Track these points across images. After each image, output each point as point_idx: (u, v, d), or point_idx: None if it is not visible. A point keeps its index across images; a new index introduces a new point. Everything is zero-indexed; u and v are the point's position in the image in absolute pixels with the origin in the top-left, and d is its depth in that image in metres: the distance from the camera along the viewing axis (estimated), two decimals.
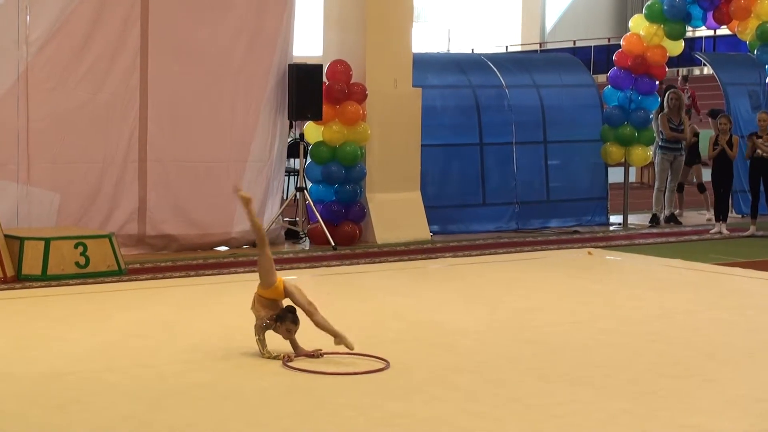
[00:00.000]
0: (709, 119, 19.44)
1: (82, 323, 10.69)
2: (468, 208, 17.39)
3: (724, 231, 17.37)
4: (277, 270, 13.80)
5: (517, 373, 8.92)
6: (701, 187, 19.35)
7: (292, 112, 15.55)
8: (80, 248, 12.95)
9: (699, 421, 7.65)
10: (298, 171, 16.28)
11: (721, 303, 12.16)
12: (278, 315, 9.28)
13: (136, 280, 13.01)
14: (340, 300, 12.13)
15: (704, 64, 24.25)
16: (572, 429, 7.46)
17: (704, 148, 19.01)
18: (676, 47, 18.22)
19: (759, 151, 17.23)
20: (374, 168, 16.14)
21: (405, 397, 8.18)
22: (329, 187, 15.96)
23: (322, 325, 9.30)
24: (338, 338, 9.17)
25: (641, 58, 17.99)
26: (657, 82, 18.44)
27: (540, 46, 37.50)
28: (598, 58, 32.65)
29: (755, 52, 17.75)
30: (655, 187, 18.95)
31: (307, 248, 15.57)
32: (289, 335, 9.25)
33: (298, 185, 16.04)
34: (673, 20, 17.82)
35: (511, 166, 17.78)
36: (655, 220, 18.54)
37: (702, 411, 7.91)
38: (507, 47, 35.92)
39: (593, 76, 21.72)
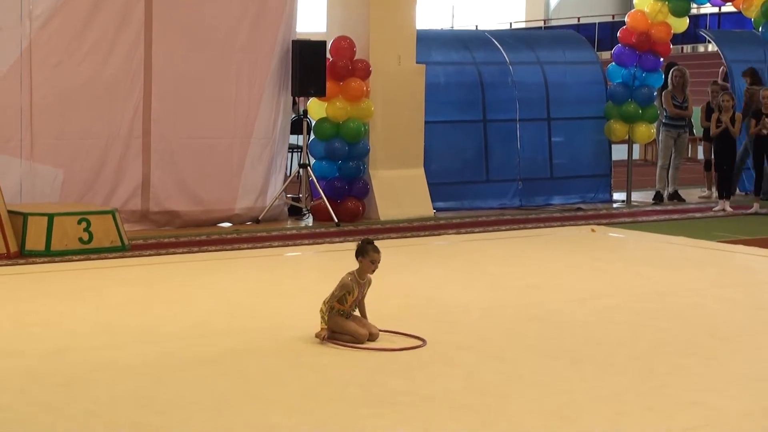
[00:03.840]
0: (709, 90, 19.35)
1: (86, 299, 10.70)
2: (471, 184, 17.39)
3: (728, 208, 17.36)
4: (281, 246, 13.85)
5: (520, 350, 8.92)
6: (708, 165, 19.31)
7: (296, 89, 15.54)
8: (83, 224, 12.96)
9: (701, 399, 7.66)
10: (301, 147, 16.27)
11: (725, 281, 12.16)
12: (358, 249, 9.13)
13: (140, 256, 13.02)
14: (341, 276, 12.13)
15: (709, 42, 24.22)
16: (575, 405, 7.46)
17: (696, 125, 19.03)
18: (681, 24, 18.20)
19: (763, 130, 17.19)
20: (378, 144, 16.13)
21: (408, 374, 8.18)
22: (332, 164, 15.95)
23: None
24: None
25: (645, 35, 17.95)
26: (661, 59, 18.40)
27: (544, 23, 37.44)
28: (603, 35, 32.59)
29: (760, 29, 17.72)
30: (659, 164, 18.94)
31: (311, 224, 15.57)
32: (374, 266, 9.10)
33: (302, 162, 16.03)
34: None
35: (515, 143, 17.77)
36: (658, 198, 18.53)
37: (704, 389, 7.91)
38: (511, 24, 35.88)
39: (597, 53, 21.69)
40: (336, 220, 15.30)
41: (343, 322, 9.02)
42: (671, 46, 18.77)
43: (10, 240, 12.65)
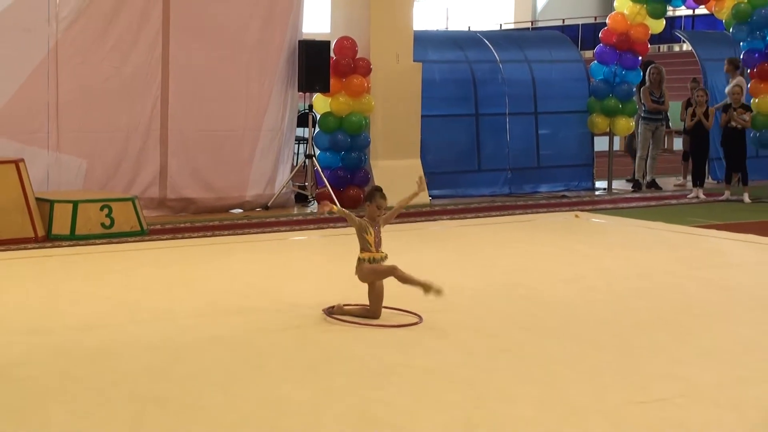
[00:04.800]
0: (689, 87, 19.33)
1: (107, 280, 10.69)
2: (464, 174, 17.38)
3: (701, 196, 17.36)
4: (288, 231, 13.84)
5: (510, 328, 8.91)
6: (686, 156, 19.28)
7: (302, 85, 15.53)
8: (105, 210, 12.95)
9: (675, 371, 7.65)
10: (307, 139, 16.25)
11: (698, 262, 12.15)
12: (367, 194, 9.08)
13: (157, 240, 13.01)
14: (345, 259, 12.12)
15: (684, 41, 24.18)
16: (562, 379, 7.46)
17: (675, 118, 19.01)
18: (658, 25, 18.17)
19: (733, 123, 17.19)
20: (378, 137, 16.13)
21: (406, 349, 8.18)
22: (336, 155, 15.94)
23: (406, 279, 9.04)
24: (426, 287, 8.93)
25: (625, 36, 17.93)
26: (640, 58, 18.38)
27: (531, 24, 37.37)
28: (586, 35, 32.53)
29: (731, 30, 17.69)
30: (638, 155, 18.93)
31: (316, 211, 15.56)
32: (380, 211, 9.01)
33: (307, 152, 16.02)
34: (655, 0, 17.75)
35: (505, 135, 17.75)
36: (637, 186, 18.52)
37: (681, 362, 7.91)
38: (501, 25, 35.83)
39: (581, 52, 21.65)
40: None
41: (371, 270, 8.93)
42: (649, 46, 18.74)
43: (38, 225, 12.64)
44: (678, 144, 19.22)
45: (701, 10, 19.87)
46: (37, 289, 10.28)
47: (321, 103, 15.97)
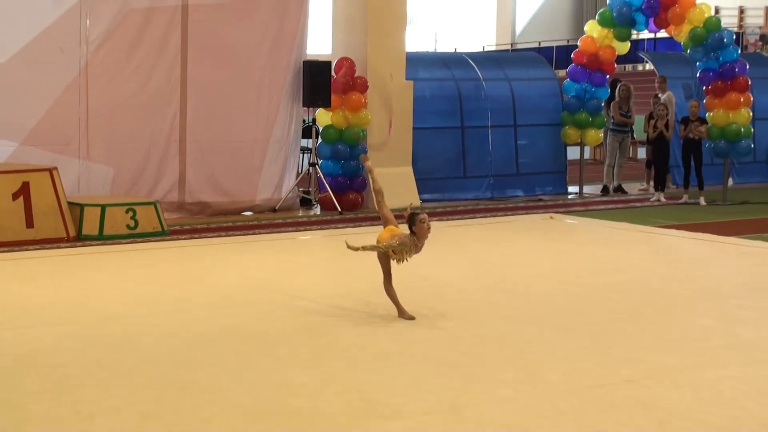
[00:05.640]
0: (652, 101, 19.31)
1: (132, 275, 10.66)
2: (451, 180, 17.35)
3: (662, 199, 17.34)
4: (294, 231, 13.83)
5: (494, 318, 8.89)
6: (649, 164, 19.24)
7: (306, 101, 15.50)
8: (130, 213, 12.92)
9: (642, 356, 7.64)
10: (311, 149, 16.22)
11: (660, 258, 12.14)
12: (409, 221, 8.81)
13: (177, 239, 12.98)
14: (345, 256, 12.09)
15: (647, 62, 24.18)
16: (540, 363, 7.44)
17: (639, 130, 18.98)
18: (624, 47, 18.16)
19: (690, 134, 17.18)
20: (374, 147, 16.09)
21: (400, 338, 8.15)
22: (337, 163, 15.91)
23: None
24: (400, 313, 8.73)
25: (594, 56, 17.91)
26: (607, 76, 18.37)
27: (511, 46, 37.37)
28: (559, 56, 32.51)
29: (688, 51, 17.68)
30: (606, 163, 18.91)
31: (319, 213, 15.53)
32: (426, 225, 8.76)
33: (311, 161, 15.99)
34: (621, 25, 17.74)
35: (487, 145, 17.73)
36: (605, 190, 18.51)
37: (644, 348, 7.89)
38: (484, 47, 35.84)
39: (555, 71, 21.64)
40: (339, 210, 15.27)
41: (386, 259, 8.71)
42: (615, 66, 18.72)
43: (70, 226, 12.62)
44: (642, 153, 19.20)
45: (662, 34, 19.86)
46: (69, 283, 10.25)
47: (323, 117, 15.94)
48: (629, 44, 18.43)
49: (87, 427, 6.11)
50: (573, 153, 19.06)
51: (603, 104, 18.40)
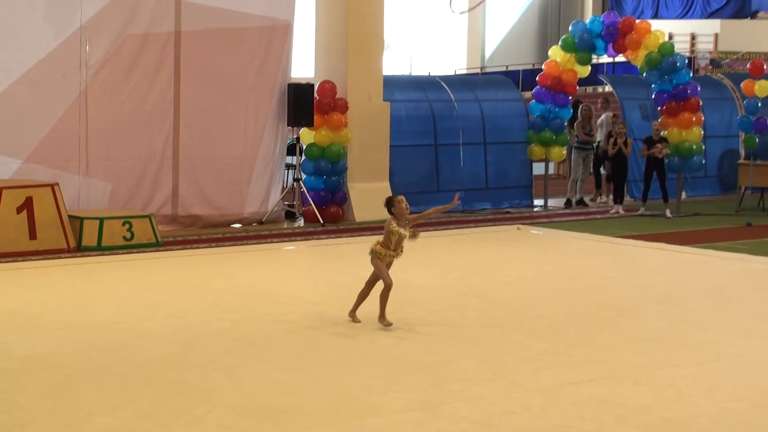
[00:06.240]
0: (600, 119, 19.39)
1: (128, 284, 10.64)
2: (426, 194, 17.32)
3: (621, 211, 17.39)
4: (279, 242, 13.82)
5: (465, 321, 8.91)
6: (609, 178, 19.28)
7: (291, 120, 15.49)
8: (127, 225, 12.88)
9: (601, 357, 7.68)
10: (295, 165, 16.20)
11: (619, 266, 12.19)
12: (387, 206, 8.69)
13: (170, 250, 12.95)
14: (327, 265, 12.11)
15: (606, 84, 24.24)
16: (507, 364, 7.47)
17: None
18: (585, 71, 18.22)
19: (658, 154, 17.08)
20: (354, 163, 16.09)
21: (378, 341, 8.16)
22: (319, 178, 15.89)
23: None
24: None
25: (558, 79, 17.97)
26: (570, 98, 18.43)
27: (481, 70, 37.42)
28: (525, 78, 32.53)
29: (644, 74, 17.77)
30: (570, 178, 18.94)
31: (302, 225, 15.52)
32: (404, 204, 8.68)
33: (295, 176, 15.97)
34: (582, 50, 17.82)
35: (459, 161, 17.75)
36: (568, 204, 18.54)
37: (603, 349, 7.93)
38: (455, 70, 35.86)
39: (521, 92, 21.66)
40: (322, 222, 15.25)
41: (381, 265, 8.66)
42: (577, 88, 18.79)
43: (70, 238, 12.58)
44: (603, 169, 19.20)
45: (620, 58, 19.93)
46: (69, 291, 10.22)
47: (306, 136, 15.93)
48: (590, 68, 18.50)
49: (86, 426, 6.10)
50: (538, 169, 19.12)
51: (566, 123, 18.46)
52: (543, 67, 18.46)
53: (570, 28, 18.18)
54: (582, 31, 17.75)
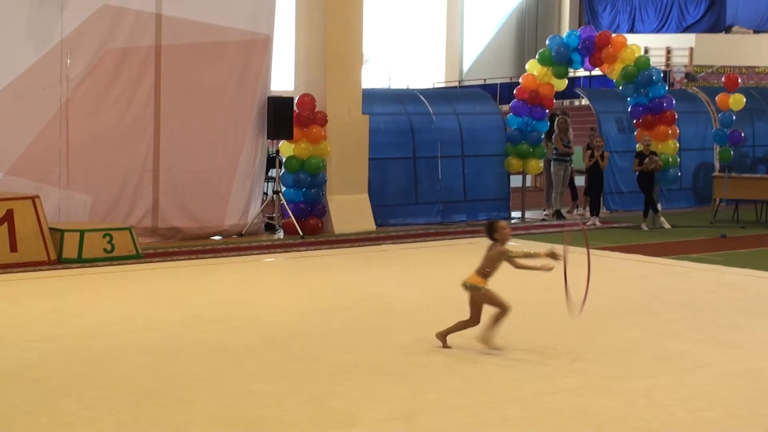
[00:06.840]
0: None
1: (109, 295, 10.63)
2: (404, 206, 17.38)
3: (597, 223, 17.47)
4: (259, 254, 13.83)
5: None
6: (587, 191, 19.34)
7: (270, 133, 15.50)
8: (107, 238, 12.87)
9: (578, 367, 7.73)
10: (274, 178, 16.21)
11: (594, 276, 12.20)
12: (489, 231, 8.58)
13: (150, 262, 12.93)
14: (306, 276, 12.12)
15: (583, 97, 24.39)
16: (483, 371, 7.50)
17: (578, 161, 19.12)
18: (561, 84, 18.31)
19: (653, 166, 17.07)
20: (333, 176, 16.11)
21: (356, 351, 8.18)
22: (299, 191, 15.91)
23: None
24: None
25: (535, 93, 18.06)
26: (547, 111, 18.51)
27: (459, 83, 37.54)
28: (503, 92, 32.67)
29: (620, 88, 17.88)
30: (554, 190, 18.86)
31: (282, 237, 15.52)
32: (508, 230, 8.55)
33: (275, 189, 15.98)
34: (559, 64, 17.91)
35: (437, 174, 17.79)
36: (558, 215, 18.51)
37: (580, 359, 7.98)
38: (434, 84, 35.97)
39: (499, 106, 21.73)
40: (301, 234, 15.26)
41: (491, 294, 8.49)
42: (554, 101, 18.88)
43: (51, 250, 12.55)
44: (580, 181, 19.27)
45: (597, 72, 20.04)
46: (50, 303, 10.20)
47: (286, 149, 15.94)
48: (566, 81, 18.60)
49: None
50: (515, 181, 19.19)
51: (543, 136, 18.54)
52: (520, 80, 18.54)
53: (547, 42, 18.28)
54: (559, 45, 17.85)
